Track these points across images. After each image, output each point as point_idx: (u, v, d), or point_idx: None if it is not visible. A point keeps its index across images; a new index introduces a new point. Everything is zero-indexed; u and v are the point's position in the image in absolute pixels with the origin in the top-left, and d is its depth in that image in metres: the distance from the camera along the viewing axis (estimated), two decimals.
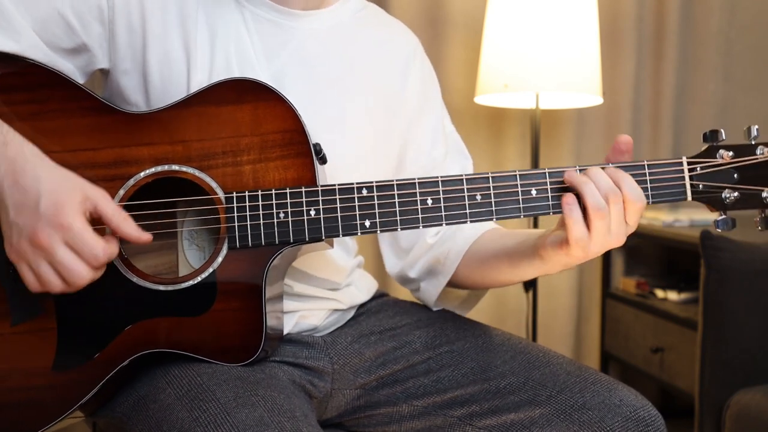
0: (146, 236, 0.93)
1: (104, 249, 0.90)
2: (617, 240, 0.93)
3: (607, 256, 2.58)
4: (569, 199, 0.93)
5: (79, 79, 1.08)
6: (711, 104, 2.64)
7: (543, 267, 1.02)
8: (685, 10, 2.61)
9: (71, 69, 1.06)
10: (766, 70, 2.73)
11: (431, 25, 2.36)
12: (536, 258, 1.02)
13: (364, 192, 0.97)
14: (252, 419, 0.88)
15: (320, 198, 0.97)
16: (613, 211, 0.92)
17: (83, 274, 0.90)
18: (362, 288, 1.25)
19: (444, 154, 1.25)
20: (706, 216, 2.31)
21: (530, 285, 2.26)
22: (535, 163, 2.20)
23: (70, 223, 0.88)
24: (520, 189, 0.96)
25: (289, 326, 1.13)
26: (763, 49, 2.72)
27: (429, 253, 1.20)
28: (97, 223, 0.92)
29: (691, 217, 2.34)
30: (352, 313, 1.23)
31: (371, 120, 1.17)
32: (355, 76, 1.16)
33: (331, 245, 1.05)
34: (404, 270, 1.23)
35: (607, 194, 0.92)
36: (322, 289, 1.16)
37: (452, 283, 1.19)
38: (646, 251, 2.65)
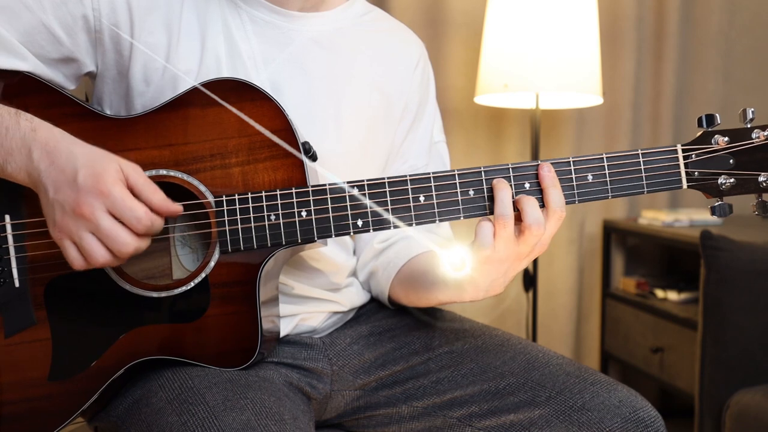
0: (176, 207, 0.92)
1: (146, 212, 0.89)
2: (524, 255, 0.94)
3: (607, 256, 2.58)
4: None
5: (70, 86, 1.07)
6: (711, 104, 2.64)
7: (454, 289, 1.02)
8: (685, 10, 2.61)
9: (61, 78, 1.05)
10: (766, 70, 2.73)
11: (431, 25, 2.36)
12: (451, 278, 1.01)
13: (356, 191, 0.96)
14: (239, 423, 0.87)
15: (311, 198, 0.96)
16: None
17: (127, 240, 0.89)
18: (362, 289, 1.25)
19: (425, 165, 1.25)
20: (706, 216, 2.31)
21: (530, 285, 2.26)
22: None
23: (110, 190, 0.88)
24: (513, 183, 0.95)
25: (288, 329, 1.12)
26: (763, 49, 2.72)
27: (375, 259, 1.21)
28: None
29: (691, 217, 2.34)
30: (351, 315, 1.23)
31: (367, 124, 1.16)
32: (355, 80, 1.16)
33: (325, 243, 1.05)
34: (356, 270, 1.24)
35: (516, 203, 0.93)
36: (323, 290, 1.16)
37: (391, 297, 1.20)
38: (646, 251, 2.65)
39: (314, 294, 1.14)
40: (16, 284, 0.98)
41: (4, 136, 0.91)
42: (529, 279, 2.25)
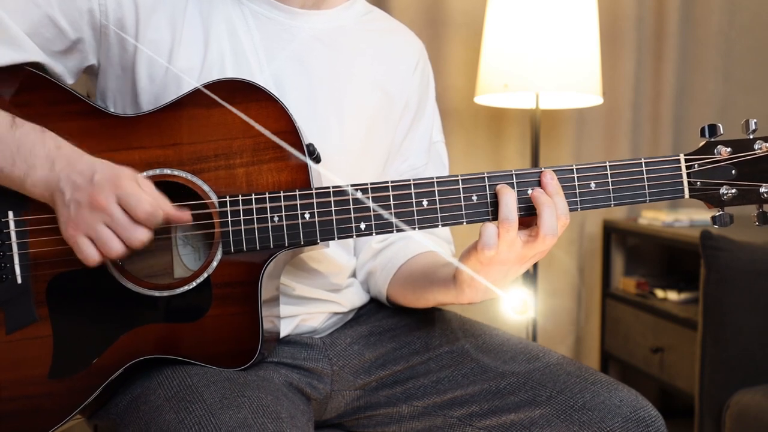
0: (186, 216, 0.94)
1: (151, 203, 0.91)
2: (525, 257, 0.94)
3: (607, 256, 2.58)
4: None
5: (69, 80, 1.07)
6: (711, 104, 2.64)
7: (453, 291, 1.02)
8: (685, 10, 2.61)
9: (62, 71, 1.05)
10: (766, 70, 2.73)
11: (431, 25, 2.36)
12: (450, 279, 1.02)
13: (359, 194, 0.96)
14: (235, 421, 0.87)
15: (314, 201, 0.96)
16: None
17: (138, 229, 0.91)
18: (362, 289, 1.25)
19: (425, 165, 1.25)
20: (706, 216, 2.31)
21: (530, 285, 2.25)
22: (534, 164, 2.20)
23: (122, 182, 0.90)
24: (516, 189, 0.95)
25: (288, 329, 1.12)
26: (763, 49, 2.72)
27: (373, 260, 1.21)
28: None
29: (691, 217, 2.34)
30: (352, 315, 1.23)
31: (368, 123, 1.16)
32: (356, 78, 1.16)
33: (327, 245, 1.05)
34: (356, 269, 1.24)
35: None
36: (324, 291, 1.15)
37: (389, 297, 1.20)
38: (646, 251, 2.65)
39: (315, 295, 1.14)
40: (18, 281, 0.98)
41: (28, 152, 0.93)
42: (529, 279, 2.25)
